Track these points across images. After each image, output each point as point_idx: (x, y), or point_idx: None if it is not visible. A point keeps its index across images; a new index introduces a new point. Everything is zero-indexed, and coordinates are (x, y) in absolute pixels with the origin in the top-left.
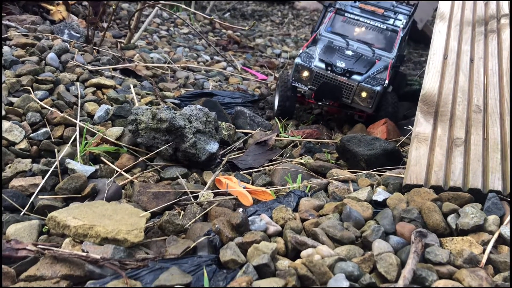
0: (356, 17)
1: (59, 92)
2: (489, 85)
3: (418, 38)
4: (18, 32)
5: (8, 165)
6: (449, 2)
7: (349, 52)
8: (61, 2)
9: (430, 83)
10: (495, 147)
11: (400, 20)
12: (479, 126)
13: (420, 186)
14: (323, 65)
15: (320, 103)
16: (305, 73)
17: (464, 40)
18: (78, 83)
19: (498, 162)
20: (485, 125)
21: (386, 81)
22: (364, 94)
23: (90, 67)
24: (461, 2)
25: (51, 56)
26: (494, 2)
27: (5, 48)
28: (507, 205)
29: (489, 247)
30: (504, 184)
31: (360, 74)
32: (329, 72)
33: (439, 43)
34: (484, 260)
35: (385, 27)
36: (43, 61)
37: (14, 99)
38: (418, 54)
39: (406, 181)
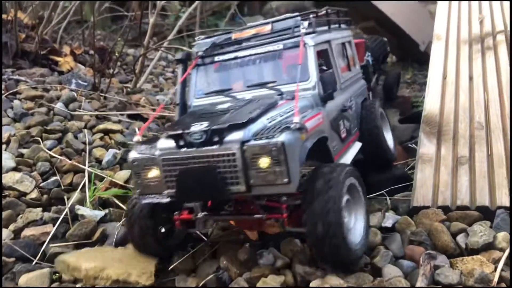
0: (233, 55)
1: (68, 140)
2: (490, 101)
3: (423, 60)
4: (28, 86)
5: (20, 216)
6: (445, 23)
7: (223, 106)
8: (68, 53)
9: (431, 103)
10: (500, 163)
11: (305, 27)
12: (483, 143)
13: (427, 207)
14: (171, 143)
15: (201, 215)
16: (153, 172)
17: (462, 58)
18: (86, 130)
19: (504, 177)
20: (488, 141)
21: (296, 119)
22: (264, 162)
23: (96, 113)
24: (456, 21)
25: (59, 106)
26: (489, 20)
27: (16, 102)
28: None
29: (500, 265)
30: None
31: (240, 127)
32: (184, 149)
33: (438, 64)
34: (496, 279)
35: (282, 46)
36: (52, 111)
37: (24, 151)
38: (423, 75)
39: (414, 203)
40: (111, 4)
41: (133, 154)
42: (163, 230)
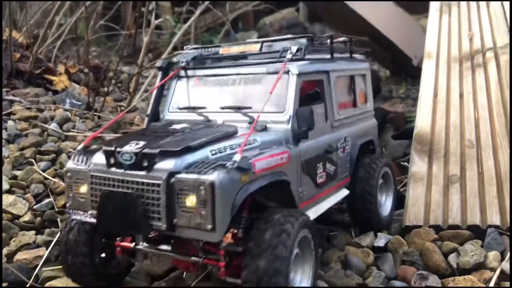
0: (215, 72)
1: (61, 161)
2: (480, 119)
3: (416, 75)
4: (22, 106)
5: (13, 239)
6: (435, 40)
7: (177, 126)
8: (63, 72)
9: (422, 121)
10: (490, 181)
11: (292, 52)
12: (473, 161)
13: (419, 226)
14: (102, 158)
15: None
16: (83, 187)
17: (452, 76)
18: None
19: (494, 196)
20: (479, 159)
21: (237, 157)
22: (190, 201)
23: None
24: (446, 38)
25: (53, 126)
26: (479, 37)
27: (10, 123)
28: (507, 239)
29: (491, 285)
30: (502, 217)
31: (174, 156)
32: (113, 168)
33: (429, 81)
34: None
35: (265, 70)
36: (46, 132)
37: (18, 172)
38: (417, 90)
39: (406, 222)
40: (106, 22)
41: (69, 164)
42: (103, 255)
